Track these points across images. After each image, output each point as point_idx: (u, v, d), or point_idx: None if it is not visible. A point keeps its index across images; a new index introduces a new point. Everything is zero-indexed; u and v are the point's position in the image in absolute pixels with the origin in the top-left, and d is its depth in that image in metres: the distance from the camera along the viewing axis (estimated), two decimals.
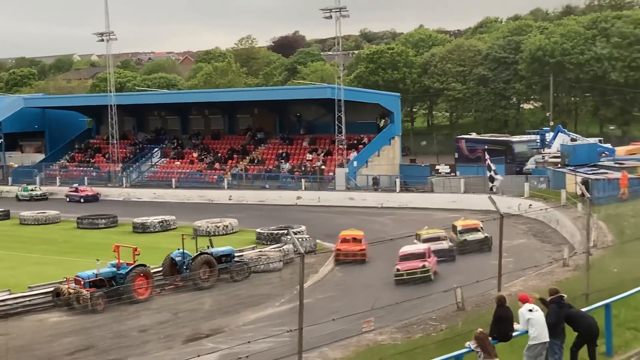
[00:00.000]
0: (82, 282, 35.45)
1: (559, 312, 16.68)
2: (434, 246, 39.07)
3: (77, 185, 76.56)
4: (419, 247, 38.58)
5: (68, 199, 73.44)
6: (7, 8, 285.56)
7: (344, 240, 43.24)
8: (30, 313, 34.93)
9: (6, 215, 63.58)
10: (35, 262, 45.61)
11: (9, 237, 54.97)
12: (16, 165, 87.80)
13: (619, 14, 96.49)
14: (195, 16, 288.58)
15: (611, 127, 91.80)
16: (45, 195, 75.87)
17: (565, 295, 17.21)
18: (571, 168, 55.82)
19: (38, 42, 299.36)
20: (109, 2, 77.81)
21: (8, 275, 41.31)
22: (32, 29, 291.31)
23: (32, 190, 76.38)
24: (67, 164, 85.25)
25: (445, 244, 40.42)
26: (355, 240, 43.18)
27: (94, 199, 73.31)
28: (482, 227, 41.68)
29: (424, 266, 35.85)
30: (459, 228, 42.75)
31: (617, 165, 56.57)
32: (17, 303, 35.12)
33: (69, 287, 35.45)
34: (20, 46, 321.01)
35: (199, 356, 23.76)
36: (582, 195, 34.95)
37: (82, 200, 72.22)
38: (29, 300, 35.57)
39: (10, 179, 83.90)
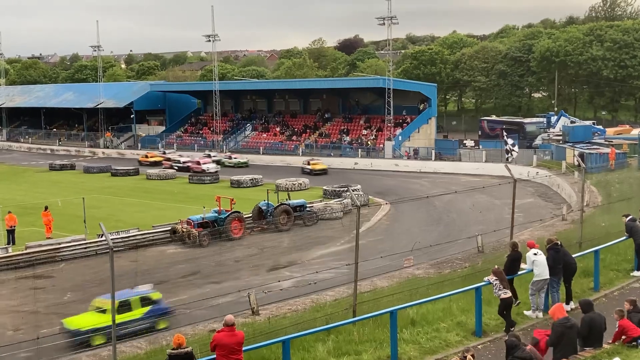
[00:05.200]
0: (192, 223, 35.97)
1: (555, 256, 16.40)
2: None
3: None
4: None
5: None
6: (138, 16, 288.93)
7: None
8: (153, 245, 35.64)
9: (136, 172, 64.11)
10: (157, 207, 46.35)
11: (138, 188, 55.80)
12: (144, 135, 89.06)
13: (611, 23, 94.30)
14: (278, 22, 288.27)
15: (603, 113, 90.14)
16: (246, 163, 67.81)
17: (560, 242, 16.91)
18: (570, 144, 54.73)
19: (161, 42, 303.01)
20: (215, 9, 77.93)
21: (137, 217, 42.12)
22: (157, 31, 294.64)
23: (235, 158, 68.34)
24: (182, 134, 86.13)
25: None
26: None
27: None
28: None
29: None
30: None
31: (606, 142, 55.32)
32: (143, 238, 35.80)
33: (182, 227, 35.99)
34: (147, 44, 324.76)
35: (279, 281, 24.12)
36: (579, 165, 34.30)
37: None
38: (152, 236, 36.26)
39: (139, 144, 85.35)
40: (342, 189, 46.62)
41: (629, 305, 13.36)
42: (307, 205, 40.87)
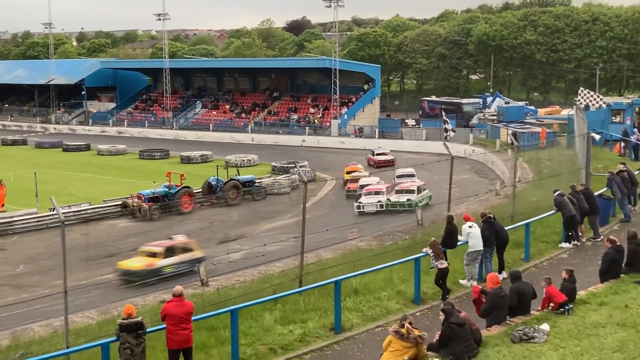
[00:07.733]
0: (143, 198, 35.62)
1: (489, 229, 16.76)
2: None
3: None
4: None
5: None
6: None
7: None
8: (105, 219, 35.26)
9: (87, 147, 62.93)
10: (108, 182, 45.65)
11: (89, 163, 54.84)
12: (95, 111, 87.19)
13: (545, 9, 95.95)
14: (228, 1, 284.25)
15: (535, 94, 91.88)
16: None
17: (493, 215, 17.23)
18: (504, 123, 55.67)
19: (112, 19, 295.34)
20: None
21: (89, 191, 41.38)
22: (108, 9, 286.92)
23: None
24: (132, 110, 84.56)
25: None
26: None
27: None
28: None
29: None
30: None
31: (538, 122, 56.45)
32: (95, 211, 35.44)
33: (133, 201, 35.61)
34: (98, 22, 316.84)
35: (228, 254, 24.05)
36: (512, 143, 35.08)
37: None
38: (104, 210, 35.89)
39: (90, 120, 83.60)
40: (289, 165, 46.60)
41: (566, 274, 13.54)
42: (256, 181, 40.80)
